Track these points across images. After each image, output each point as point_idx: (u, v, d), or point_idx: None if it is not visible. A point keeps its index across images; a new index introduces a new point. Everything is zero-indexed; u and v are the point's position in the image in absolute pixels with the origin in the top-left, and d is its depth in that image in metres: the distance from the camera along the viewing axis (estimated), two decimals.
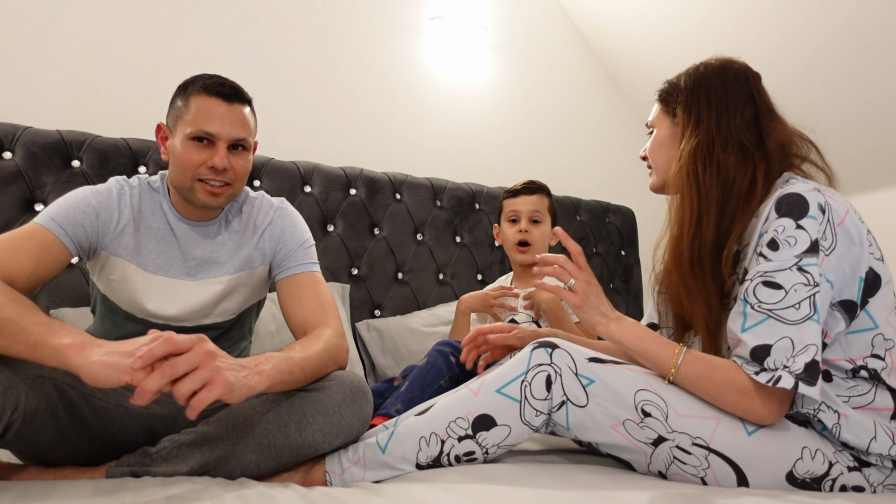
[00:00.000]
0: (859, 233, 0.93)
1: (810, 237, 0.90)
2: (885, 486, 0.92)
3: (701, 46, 2.66)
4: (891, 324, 0.96)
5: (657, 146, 1.15)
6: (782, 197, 0.93)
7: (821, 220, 0.91)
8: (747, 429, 0.92)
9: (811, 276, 0.88)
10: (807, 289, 0.88)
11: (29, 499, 0.85)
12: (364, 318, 2.15)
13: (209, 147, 1.16)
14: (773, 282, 0.90)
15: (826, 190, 0.96)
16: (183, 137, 1.16)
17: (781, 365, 0.87)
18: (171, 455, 1.01)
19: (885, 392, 0.94)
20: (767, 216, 0.95)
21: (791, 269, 0.89)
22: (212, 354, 0.84)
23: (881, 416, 0.93)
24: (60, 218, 1.11)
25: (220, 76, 1.20)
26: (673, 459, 0.95)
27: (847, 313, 0.92)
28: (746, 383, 0.90)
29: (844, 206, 0.94)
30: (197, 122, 1.14)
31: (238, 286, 1.26)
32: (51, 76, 1.86)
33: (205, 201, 1.18)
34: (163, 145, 1.23)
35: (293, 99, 2.26)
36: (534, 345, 1.02)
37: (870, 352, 0.94)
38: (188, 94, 1.17)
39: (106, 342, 0.86)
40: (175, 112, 1.19)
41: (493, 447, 1.01)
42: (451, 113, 2.65)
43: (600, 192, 2.97)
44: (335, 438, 1.03)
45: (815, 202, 0.91)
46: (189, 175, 1.16)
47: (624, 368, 0.99)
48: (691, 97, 1.09)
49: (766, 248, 0.92)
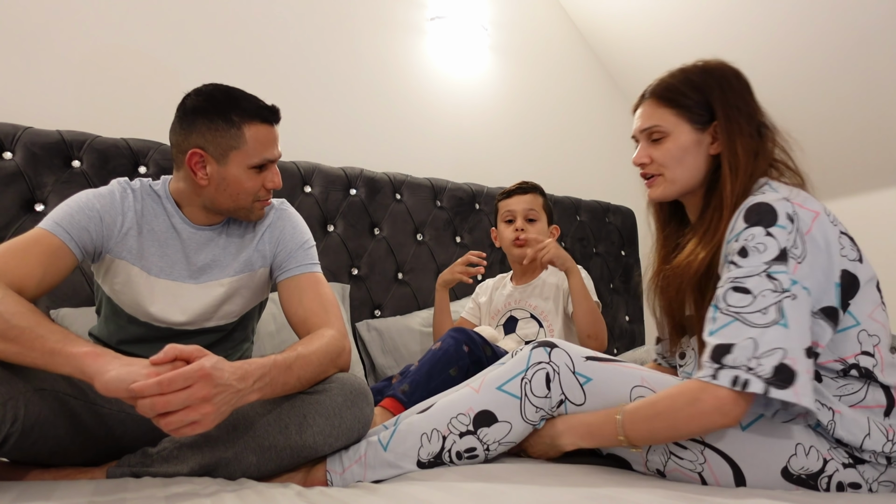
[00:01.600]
0: (827, 239, 0.93)
1: (779, 245, 0.90)
2: (879, 482, 0.92)
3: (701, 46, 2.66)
4: (875, 319, 0.96)
5: (679, 153, 1.07)
6: (752, 206, 0.94)
7: (790, 230, 0.91)
8: (742, 424, 0.92)
9: (779, 282, 0.88)
10: (774, 295, 0.88)
11: (29, 499, 0.85)
12: (364, 319, 2.15)
13: (264, 169, 1.20)
14: (743, 287, 0.90)
15: (797, 197, 0.96)
16: (244, 167, 1.16)
17: (742, 365, 0.85)
18: (171, 456, 1.01)
19: (878, 389, 0.94)
20: (734, 225, 0.95)
21: (760, 275, 0.89)
22: (208, 398, 0.84)
23: (874, 414, 0.93)
24: (66, 223, 1.10)
25: (253, 95, 1.19)
26: (670, 455, 0.96)
27: (830, 320, 0.92)
28: (692, 391, 0.89)
29: (813, 212, 0.93)
30: (259, 152, 1.17)
31: (239, 288, 1.26)
32: (51, 76, 1.86)
33: (260, 215, 1.26)
34: (200, 171, 1.16)
35: (293, 99, 2.26)
36: (534, 344, 1.05)
37: (859, 349, 0.94)
38: (236, 122, 1.14)
39: (122, 356, 0.88)
40: (224, 140, 1.14)
41: (495, 443, 1.02)
42: (451, 113, 2.66)
43: (600, 192, 2.97)
44: (336, 441, 1.03)
45: (783, 212, 0.91)
46: (250, 199, 1.20)
47: (620, 366, 1.01)
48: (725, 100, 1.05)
49: (737, 255, 0.92)
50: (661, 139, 1.09)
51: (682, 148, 1.07)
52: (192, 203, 1.22)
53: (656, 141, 1.10)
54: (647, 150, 1.11)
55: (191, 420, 0.83)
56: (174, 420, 0.82)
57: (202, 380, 0.83)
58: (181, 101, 1.19)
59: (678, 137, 1.07)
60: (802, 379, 0.84)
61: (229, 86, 1.19)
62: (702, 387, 0.88)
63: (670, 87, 1.09)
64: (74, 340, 0.89)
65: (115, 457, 1.06)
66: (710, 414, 0.87)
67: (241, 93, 1.18)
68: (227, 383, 0.87)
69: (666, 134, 1.08)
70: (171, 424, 0.82)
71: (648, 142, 1.11)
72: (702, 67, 1.09)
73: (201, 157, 1.15)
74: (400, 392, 1.36)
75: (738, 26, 2.52)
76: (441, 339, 1.49)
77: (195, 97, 1.17)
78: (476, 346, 1.47)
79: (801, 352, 0.86)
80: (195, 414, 0.83)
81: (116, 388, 0.83)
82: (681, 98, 1.08)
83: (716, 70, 1.08)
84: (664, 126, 1.08)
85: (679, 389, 0.92)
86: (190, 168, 1.16)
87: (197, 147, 1.15)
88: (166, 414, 0.82)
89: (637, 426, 0.95)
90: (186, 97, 1.19)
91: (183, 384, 0.82)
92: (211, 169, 1.16)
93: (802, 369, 0.84)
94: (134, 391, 0.81)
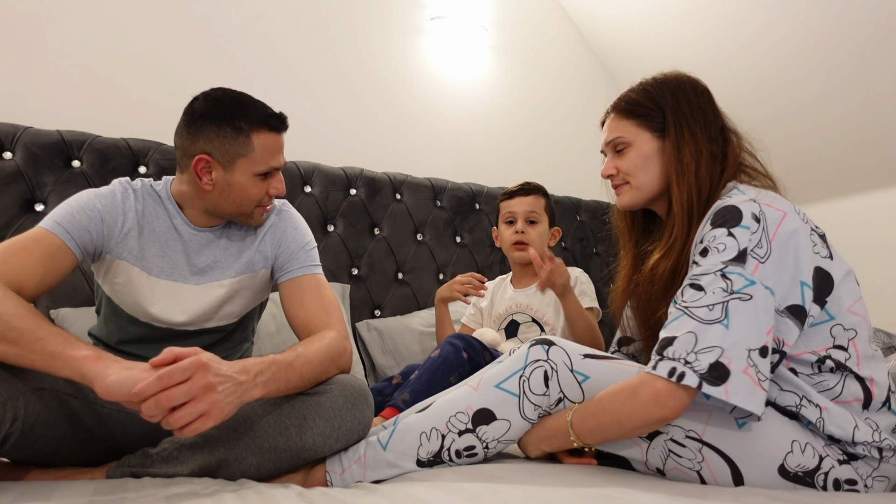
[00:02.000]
0: (795, 238, 0.93)
1: (739, 246, 0.91)
2: (874, 478, 0.93)
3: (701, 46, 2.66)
4: (854, 312, 0.96)
5: (641, 161, 1.11)
6: (718, 210, 0.96)
7: (755, 230, 0.92)
8: (737, 421, 0.93)
9: (731, 283, 0.90)
10: (724, 294, 0.89)
11: (29, 499, 0.85)
12: (364, 318, 2.15)
13: (269, 177, 1.20)
14: (698, 284, 0.92)
15: (764, 197, 0.97)
16: (250, 175, 1.16)
17: (681, 358, 0.88)
18: (171, 456, 1.01)
19: (854, 381, 0.95)
20: (702, 227, 0.98)
21: (715, 273, 0.91)
22: (210, 386, 0.84)
23: (853, 409, 0.94)
24: (66, 223, 1.10)
25: (261, 102, 1.19)
26: (669, 453, 0.96)
27: (797, 318, 0.93)
28: (632, 385, 0.92)
29: (781, 212, 0.94)
30: (266, 160, 1.17)
31: (240, 289, 1.26)
32: (51, 76, 1.86)
33: (260, 221, 1.26)
34: (205, 176, 1.16)
35: (293, 99, 2.26)
36: (531, 342, 1.06)
37: (831, 343, 0.95)
38: (244, 130, 1.14)
39: (122, 360, 0.88)
40: (231, 147, 1.14)
41: (493, 441, 1.02)
42: (451, 113, 2.66)
43: (600, 192, 2.96)
44: (336, 442, 1.03)
45: (748, 212, 0.93)
46: (253, 205, 1.21)
47: (618, 364, 1.02)
48: (677, 109, 1.09)
49: (699, 255, 0.95)
50: (624, 149, 1.14)
51: (644, 156, 1.11)
52: (194, 206, 1.22)
53: (620, 152, 1.14)
54: (613, 161, 1.16)
55: (199, 411, 0.83)
56: (183, 415, 0.82)
57: (200, 370, 0.84)
58: (189, 105, 1.17)
59: (640, 146, 1.11)
60: (737, 378, 0.85)
61: (238, 91, 1.18)
62: (641, 380, 0.91)
63: (629, 100, 1.14)
64: (74, 343, 0.89)
65: (114, 457, 1.06)
66: (647, 406, 0.90)
67: (250, 99, 1.17)
68: (227, 374, 0.87)
69: (628, 144, 1.13)
70: (180, 420, 0.82)
71: (614, 153, 1.16)
72: (659, 79, 1.14)
73: (207, 162, 1.15)
74: (401, 401, 1.36)
75: (739, 26, 2.52)
76: (440, 346, 1.48)
77: (204, 102, 1.15)
78: (475, 353, 1.47)
79: (741, 352, 0.87)
80: (202, 404, 0.83)
81: (117, 391, 0.83)
82: (639, 108, 1.12)
83: (671, 80, 1.13)
84: (626, 137, 1.13)
85: (622, 385, 0.95)
86: (195, 173, 1.15)
87: (204, 153, 1.14)
88: (173, 411, 0.82)
89: (585, 424, 0.97)
90: (195, 101, 1.17)
91: (182, 376, 0.82)
92: (216, 174, 1.15)
93: (739, 369, 0.86)
94: (137, 394, 0.81)
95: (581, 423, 0.98)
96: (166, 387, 0.81)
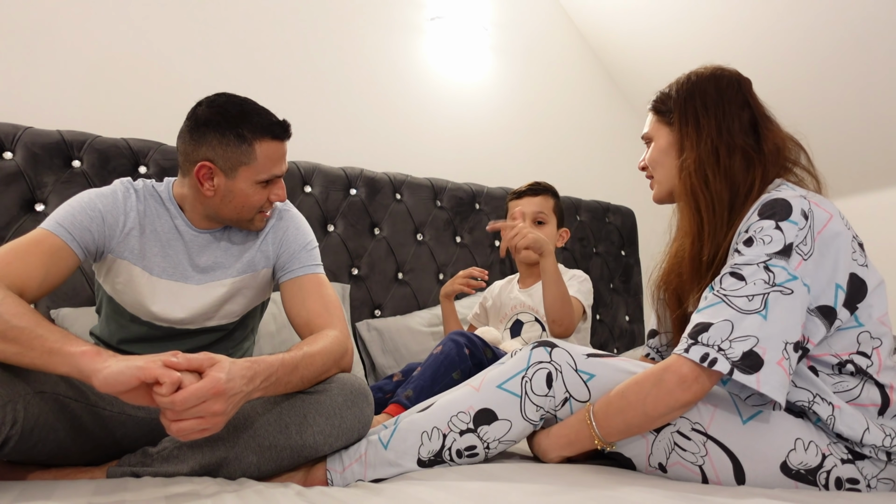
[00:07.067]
0: (837, 241, 0.94)
1: (785, 240, 0.91)
2: (878, 479, 0.92)
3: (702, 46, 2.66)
4: (883, 323, 0.97)
5: (659, 156, 1.14)
6: (768, 202, 0.96)
7: (802, 226, 0.92)
8: (742, 416, 0.93)
9: (774, 276, 0.90)
10: (764, 286, 0.90)
11: (29, 499, 0.85)
12: (364, 318, 2.15)
13: (270, 184, 1.21)
14: (739, 273, 0.92)
15: (813, 197, 0.97)
16: (252, 182, 1.17)
17: (715, 345, 0.88)
18: (171, 455, 1.01)
19: (873, 387, 0.95)
20: (748, 217, 0.98)
21: (758, 265, 0.91)
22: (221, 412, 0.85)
23: (869, 413, 0.94)
24: (67, 223, 1.10)
25: (265, 109, 1.18)
26: (674, 446, 0.97)
27: (826, 318, 0.93)
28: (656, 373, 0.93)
29: (828, 214, 0.95)
30: (268, 168, 1.17)
31: (242, 289, 1.26)
32: (51, 76, 1.86)
33: (261, 226, 1.26)
34: (207, 182, 1.16)
35: (293, 99, 2.26)
36: (533, 344, 1.07)
37: (855, 349, 0.95)
38: (247, 138, 1.13)
39: (120, 355, 0.88)
40: (234, 155, 1.14)
41: (495, 442, 1.02)
42: (451, 113, 2.66)
43: (600, 192, 2.97)
44: (336, 441, 1.03)
45: (798, 207, 0.93)
46: (253, 211, 1.21)
47: (621, 361, 1.03)
48: (687, 105, 1.10)
49: (742, 244, 0.95)
50: (650, 144, 1.18)
51: (662, 150, 1.14)
52: (195, 209, 1.22)
53: (649, 146, 1.19)
54: (646, 155, 1.19)
55: (202, 428, 0.85)
56: (185, 427, 0.83)
57: (216, 396, 0.84)
58: (192, 110, 1.17)
59: (658, 141, 1.16)
60: (770, 369, 0.86)
61: (242, 97, 1.18)
62: (665, 366, 0.92)
63: (657, 95, 1.18)
64: (73, 340, 0.89)
65: (115, 458, 1.06)
66: (673, 391, 0.90)
67: (254, 106, 1.17)
68: (239, 390, 0.88)
69: (651, 139, 1.17)
70: (181, 431, 0.84)
71: (647, 148, 1.20)
72: (687, 75, 1.15)
73: (210, 169, 1.15)
74: (404, 398, 1.37)
75: (738, 26, 2.52)
76: (442, 343, 1.49)
77: (208, 108, 1.15)
78: (477, 349, 1.47)
79: (777, 343, 0.87)
80: (207, 423, 0.85)
81: (115, 381, 0.82)
82: (658, 104, 1.16)
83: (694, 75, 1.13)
84: (650, 132, 1.18)
85: (644, 375, 0.95)
86: (197, 178, 1.16)
87: (206, 160, 1.14)
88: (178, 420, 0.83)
89: (611, 421, 0.97)
90: (198, 106, 1.16)
91: (196, 402, 0.83)
92: (218, 181, 1.16)
93: (773, 360, 0.86)
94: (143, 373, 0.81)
95: (605, 420, 0.97)
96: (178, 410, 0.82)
